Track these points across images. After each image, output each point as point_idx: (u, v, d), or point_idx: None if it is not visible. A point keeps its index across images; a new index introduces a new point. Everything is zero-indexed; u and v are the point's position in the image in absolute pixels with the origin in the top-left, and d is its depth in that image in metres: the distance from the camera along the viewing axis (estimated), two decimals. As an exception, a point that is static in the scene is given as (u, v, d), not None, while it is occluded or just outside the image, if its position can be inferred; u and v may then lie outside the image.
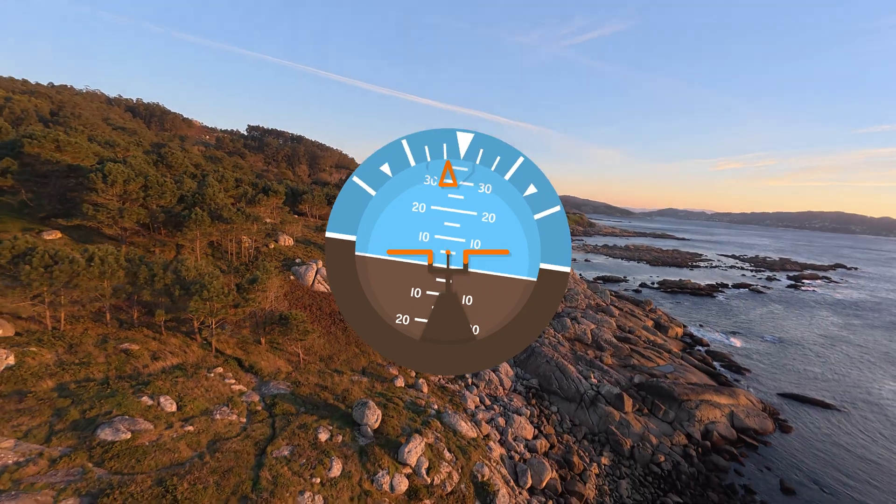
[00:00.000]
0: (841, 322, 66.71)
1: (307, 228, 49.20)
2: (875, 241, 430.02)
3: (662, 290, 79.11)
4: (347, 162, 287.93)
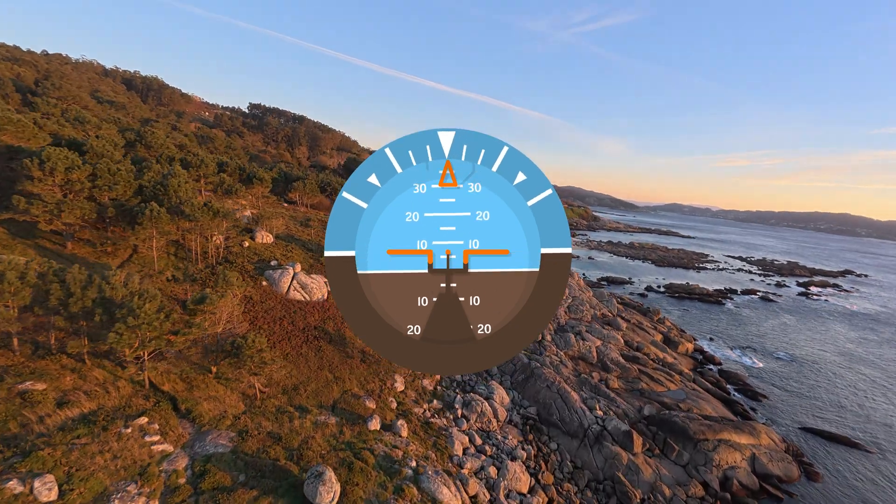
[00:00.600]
0: (856, 337, 63.34)
1: (293, 221, 45.43)
2: (881, 246, 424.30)
3: (669, 295, 75.60)
4: (349, 144, 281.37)
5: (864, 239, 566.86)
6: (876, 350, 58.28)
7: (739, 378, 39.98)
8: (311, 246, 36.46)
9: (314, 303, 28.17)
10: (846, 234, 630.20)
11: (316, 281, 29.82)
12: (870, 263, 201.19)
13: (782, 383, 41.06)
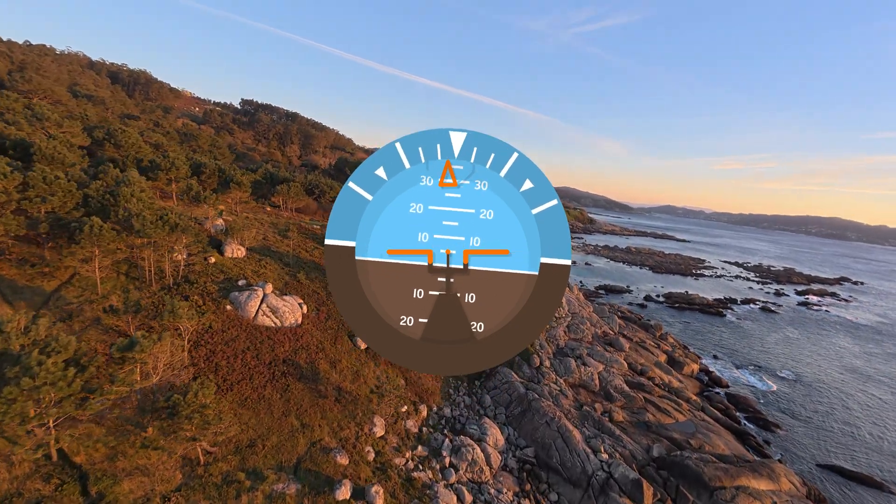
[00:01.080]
0: (860, 352, 61.34)
1: (273, 229, 42.05)
2: (871, 250, 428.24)
3: (669, 305, 73.20)
4: (343, 143, 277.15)
5: (854, 243, 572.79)
6: (883, 367, 56.23)
7: (749, 404, 37.41)
8: (288, 260, 33.17)
9: (286, 329, 24.98)
10: (837, 238, 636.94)
11: (289, 304, 26.62)
12: (864, 269, 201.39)
13: (793, 409, 38.57)
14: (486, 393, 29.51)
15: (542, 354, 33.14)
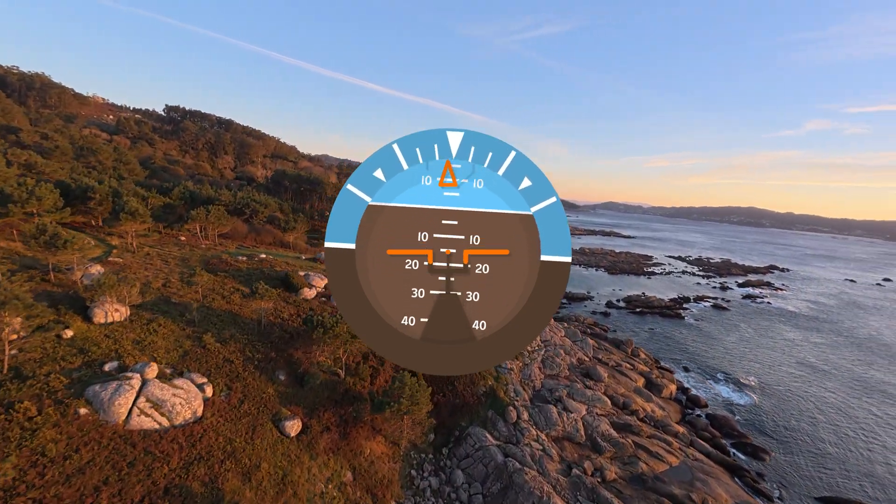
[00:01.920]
0: (806, 343, 63.71)
1: (182, 266, 33.73)
2: (784, 235, 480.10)
3: (630, 311, 72.44)
4: (286, 151, 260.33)
5: (769, 229, 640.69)
6: (831, 356, 58.33)
7: (730, 426, 35.23)
8: (192, 316, 25.55)
9: (176, 432, 17.81)
10: (754, 226, 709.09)
11: (183, 390, 19.38)
12: (784, 255, 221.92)
13: (770, 426, 37.01)
14: (457, 466, 24.03)
15: (518, 404, 28.29)
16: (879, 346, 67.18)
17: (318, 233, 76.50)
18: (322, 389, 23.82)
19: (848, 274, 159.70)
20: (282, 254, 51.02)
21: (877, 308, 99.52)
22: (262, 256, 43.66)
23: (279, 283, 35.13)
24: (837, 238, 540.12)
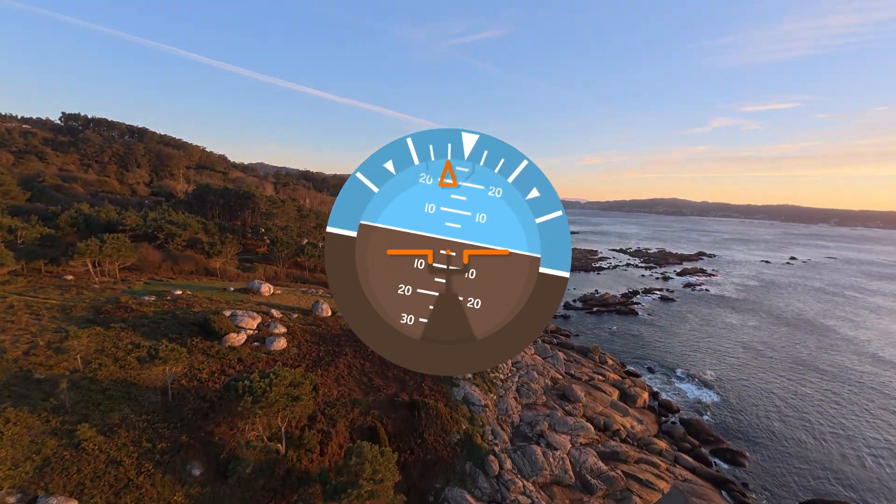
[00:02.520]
0: (745, 326, 67.63)
1: (61, 320, 25.82)
2: (703, 223, 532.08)
3: (587, 311, 72.64)
4: (213, 161, 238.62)
5: (690, 217, 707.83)
6: (768, 336, 62.10)
7: (706, 432, 34.50)
8: (61, 399, 18.68)
9: None
10: (677, 215, 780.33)
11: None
12: (708, 241, 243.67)
13: (740, 425, 36.98)
14: (436, 545, 19.78)
15: (498, 449, 24.59)
16: (804, 322, 73.30)
17: (251, 253, 68.00)
18: (255, 479, 18.33)
19: (761, 255, 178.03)
20: (205, 285, 43.30)
21: (791, 285, 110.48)
22: (178, 293, 36.12)
23: (197, 329, 28.47)
24: (745, 222, 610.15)
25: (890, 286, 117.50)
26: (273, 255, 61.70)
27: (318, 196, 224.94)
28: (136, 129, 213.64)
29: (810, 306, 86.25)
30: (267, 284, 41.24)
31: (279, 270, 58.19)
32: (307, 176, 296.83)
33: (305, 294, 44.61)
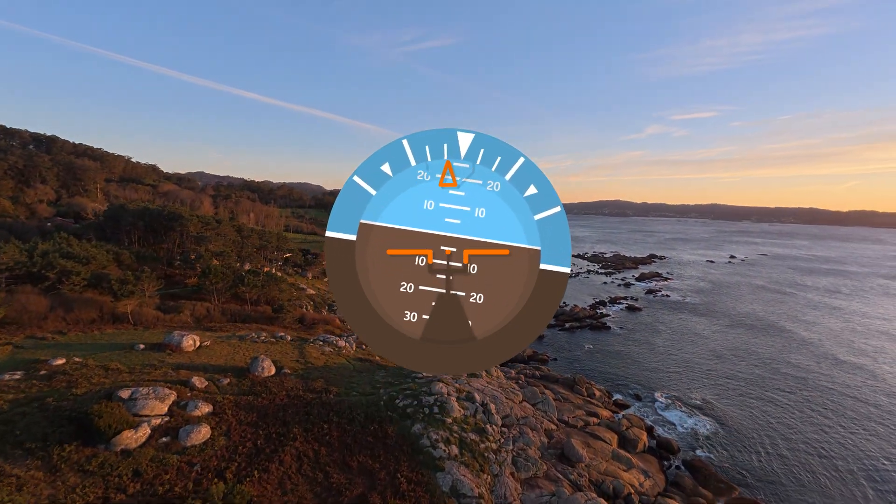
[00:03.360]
0: (709, 331, 67.87)
1: None
2: (645, 222, 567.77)
3: (560, 328, 69.56)
4: (140, 172, 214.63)
5: (633, 218, 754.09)
6: (735, 345, 62.05)
7: (715, 479, 31.15)
8: None
9: None
10: (621, 216, 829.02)
11: None
12: (654, 242, 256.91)
13: (743, 463, 34.35)
14: None
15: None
16: (761, 324, 75.50)
17: (179, 286, 57.49)
18: None
19: (704, 254, 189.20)
20: (108, 341, 33.82)
21: (737, 285, 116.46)
22: (59, 363, 26.96)
23: (73, 429, 20.13)
24: (682, 221, 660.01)
25: (819, 281, 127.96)
26: (205, 288, 52.14)
27: (264, 209, 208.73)
28: (43, 137, 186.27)
29: (761, 307, 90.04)
30: (191, 337, 32.76)
31: (213, 307, 48.89)
32: (251, 186, 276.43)
33: (243, 342, 36.48)
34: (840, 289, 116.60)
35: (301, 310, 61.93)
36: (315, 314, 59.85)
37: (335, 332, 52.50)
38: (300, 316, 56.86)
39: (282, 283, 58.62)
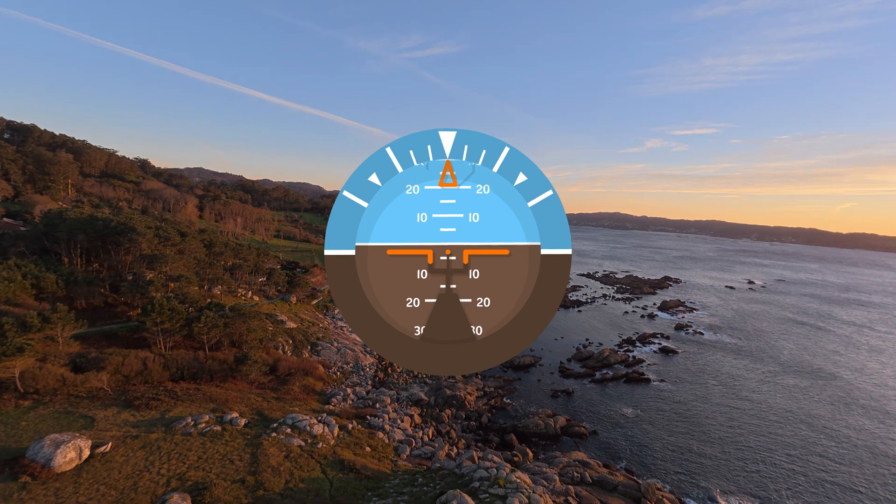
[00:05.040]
0: (761, 384, 56.51)
1: None
2: (646, 237, 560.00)
3: (590, 377, 57.94)
4: (123, 167, 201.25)
5: (632, 231, 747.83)
6: (808, 406, 50.46)
7: None
8: None
9: None
10: (621, 229, 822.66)
11: None
12: (662, 260, 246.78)
13: None
14: None
15: None
16: (810, 369, 64.59)
17: (118, 319, 45.32)
18: None
19: (719, 278, 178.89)
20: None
21: (765, 317, 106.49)
22: None
23: None
24: (682, 237, 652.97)
25: (849, 313, 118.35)
26: (149, 329, 40.17)
27: (255, 212, 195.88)
28: (19, 125, 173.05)
29: (803, 347, 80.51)
30: (74, 445, 20.75)
31: (152, 359, 36.81)
32: (245, 186, 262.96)
33: (169, 436, 24.47)
34: (874, 325, 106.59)
35: (277, 352, 49.91)
36: (292, 359, 47.80)
37: (313, 398, 40.52)
38: (273, 363, 44.90)
39: (252, 318, 46.55)
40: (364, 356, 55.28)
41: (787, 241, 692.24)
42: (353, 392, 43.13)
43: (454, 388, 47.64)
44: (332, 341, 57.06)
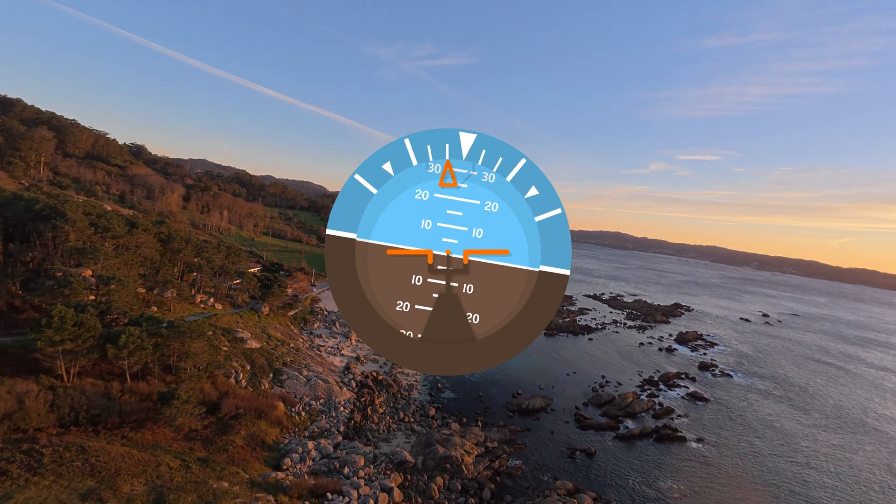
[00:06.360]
0: (806, 439, 46.42)
1: None
2: (647, 258, 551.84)
3: (613, 431, 47.72)
4: (111, 150, 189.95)
5: (633, 251, 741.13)
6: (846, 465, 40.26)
7: None
8: None
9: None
10: (621, 248, 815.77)
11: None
12: (668, 284, 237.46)
13: None
14: None
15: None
16: (854, 424, 54.63)
17: (21, 327, 34.91)
18: None
19: (730, 308, 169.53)
20: None
21: (789, 355, 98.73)
22: None
23: None
24: (682, 261, 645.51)
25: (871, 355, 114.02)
26: (42, 350, 29.88)
27: (247, 206, 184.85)
28: (2, 98, 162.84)
29: (841, 394, 71.51)
30: None
31: (33, 396, 26.43)
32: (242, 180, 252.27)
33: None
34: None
35: (227, 381, 39.36)
36: (245, 393, 37.18)
37: (259, 458, 30.10)
38: (217, 399, 34.47)
39: (197, 338, 36.14)
40: (340, 389, 44.81)
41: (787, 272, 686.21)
42: (315, 447, 32.66)
43: (448, 443, 37.29)
44: (302, 368, 46.60)
